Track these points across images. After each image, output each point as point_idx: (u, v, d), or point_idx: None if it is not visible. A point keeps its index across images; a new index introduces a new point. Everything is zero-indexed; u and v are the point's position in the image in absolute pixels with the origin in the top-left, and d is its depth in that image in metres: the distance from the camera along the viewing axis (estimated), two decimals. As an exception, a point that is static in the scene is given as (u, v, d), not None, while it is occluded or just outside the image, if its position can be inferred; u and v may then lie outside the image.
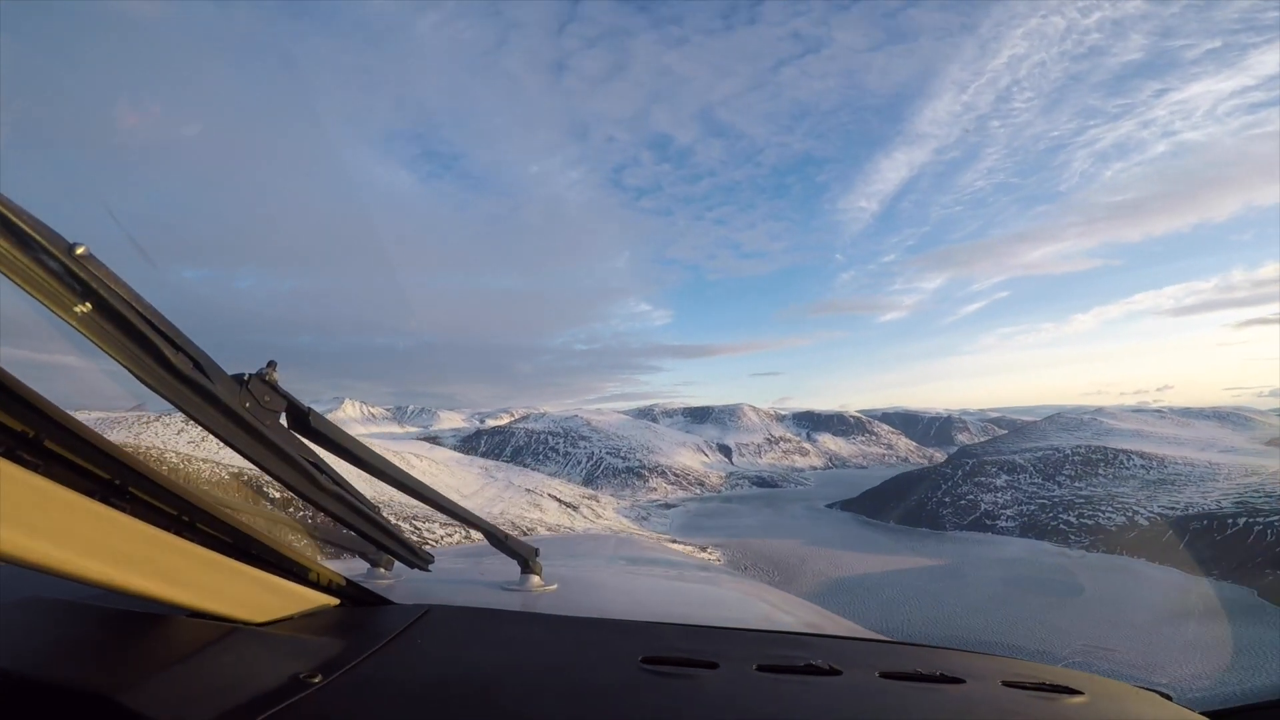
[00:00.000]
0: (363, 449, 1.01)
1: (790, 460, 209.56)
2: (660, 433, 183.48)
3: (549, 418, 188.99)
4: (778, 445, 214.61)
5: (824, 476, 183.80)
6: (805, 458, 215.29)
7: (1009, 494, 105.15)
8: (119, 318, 0.65)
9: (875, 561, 70.70)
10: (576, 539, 3.10)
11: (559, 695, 0.75)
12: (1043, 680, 0.96)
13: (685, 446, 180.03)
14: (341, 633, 0.89)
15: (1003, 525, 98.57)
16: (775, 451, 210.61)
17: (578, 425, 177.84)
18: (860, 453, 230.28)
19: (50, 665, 0.65)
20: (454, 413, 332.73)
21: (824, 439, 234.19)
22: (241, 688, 0.65)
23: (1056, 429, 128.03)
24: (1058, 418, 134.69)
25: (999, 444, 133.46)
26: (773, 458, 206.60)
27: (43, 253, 0.58)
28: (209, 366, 0.75)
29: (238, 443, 0.80)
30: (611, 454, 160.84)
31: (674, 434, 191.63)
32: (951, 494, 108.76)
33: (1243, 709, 1.07)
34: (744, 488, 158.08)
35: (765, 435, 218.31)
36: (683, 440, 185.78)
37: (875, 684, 0.87)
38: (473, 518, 1.36)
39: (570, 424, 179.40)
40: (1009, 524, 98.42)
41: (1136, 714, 0.97)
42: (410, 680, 0.76)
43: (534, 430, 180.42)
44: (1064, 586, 60.94)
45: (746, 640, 1.04)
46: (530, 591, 1.35)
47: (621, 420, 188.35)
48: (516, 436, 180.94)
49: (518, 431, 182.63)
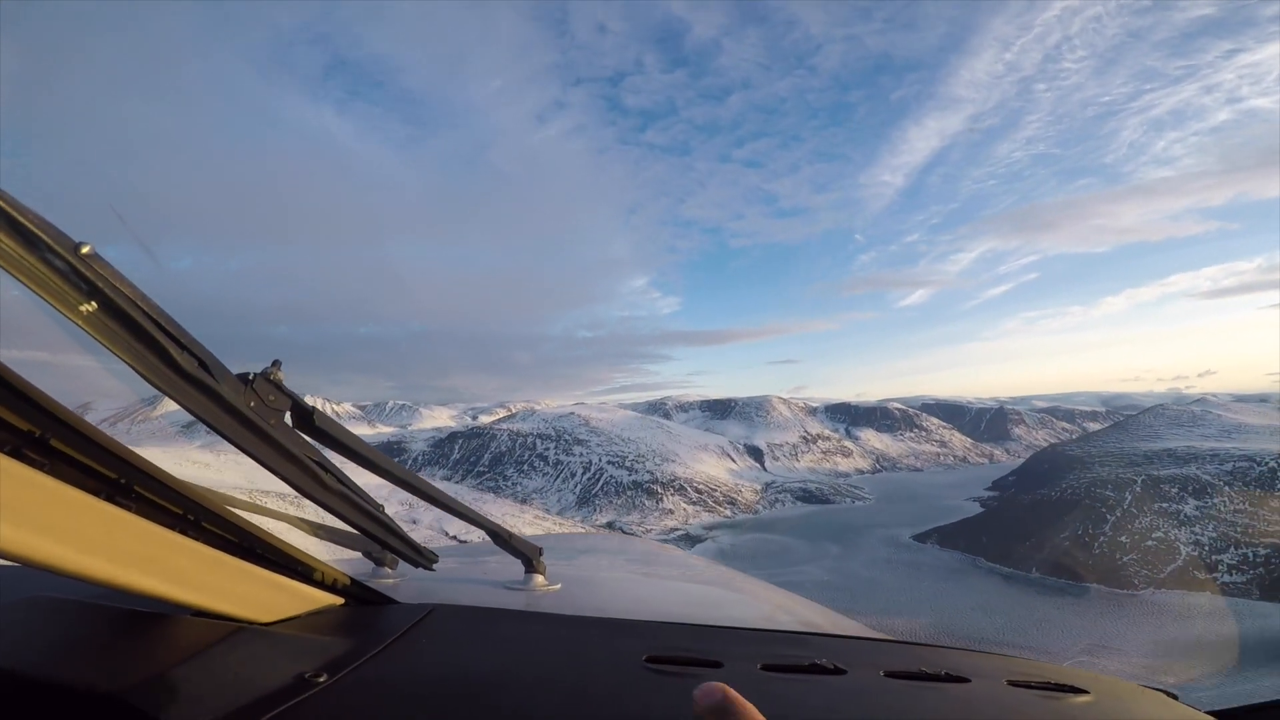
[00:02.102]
0: (367, 448, 1.02)
1: (832, 463, 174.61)
2: (675, 433, 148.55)
3: (539, 416, 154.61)
4: (815, 445, 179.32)
5: (878, 484, 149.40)
6: (849, 459, 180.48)
7: (1212, 528, 69.09)
8: (124, 317, 0.65)
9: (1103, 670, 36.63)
10: (580, 538, 2.83)
11: (563, 695, 0.75)
12: (1048, 679, 0.96)
13: (707, 450, 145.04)
14: (346, 632, 0.89)
15: (1228, 580, 62.73)
16: (813, 452, 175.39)
17: (573, 425, 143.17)
18: (910, 451, 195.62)
19: (55, 664, 0.65)
20: (445, 408, 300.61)
21: (867, 435, 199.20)
22: (247, 687, 0.66)
23: (1168, 424, 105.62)
24: (1161, 410, 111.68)
25: (1104, 442, 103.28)
26: (811, 460, 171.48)
27: (48, 252, 0.59)
28: (214, 366, 0.75)
29: (243, 442, 0.80)
30: (615, 462, 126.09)
31: (692, 434, 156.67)
32: (1123, 527, 72.51)
33: (1249, 709, 1.06)
34: (787, 505, 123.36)
35: (800, 433, 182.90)
36: (703, 442, 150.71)
37: (880, 683, 0.87)
38: (476, 516, 1.37)
39: (565, 423, 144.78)
40: (1237, 578, 62.63)
41: (1142, 713, 0.96)
42: (415, 680, 0.76)
43: (520, 432, 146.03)
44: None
45: (750, 640, 1.05)
46: (534, 591, 1.36)
47: (628, 418, 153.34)
48: (498, 440, 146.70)
49: (500, 434, 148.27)
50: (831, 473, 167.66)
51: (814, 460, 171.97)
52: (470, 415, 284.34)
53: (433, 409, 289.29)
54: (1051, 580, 70.12)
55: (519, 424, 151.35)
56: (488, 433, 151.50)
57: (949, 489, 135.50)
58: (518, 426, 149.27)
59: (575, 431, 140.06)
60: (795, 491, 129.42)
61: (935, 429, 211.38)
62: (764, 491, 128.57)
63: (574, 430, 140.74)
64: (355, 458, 1.01)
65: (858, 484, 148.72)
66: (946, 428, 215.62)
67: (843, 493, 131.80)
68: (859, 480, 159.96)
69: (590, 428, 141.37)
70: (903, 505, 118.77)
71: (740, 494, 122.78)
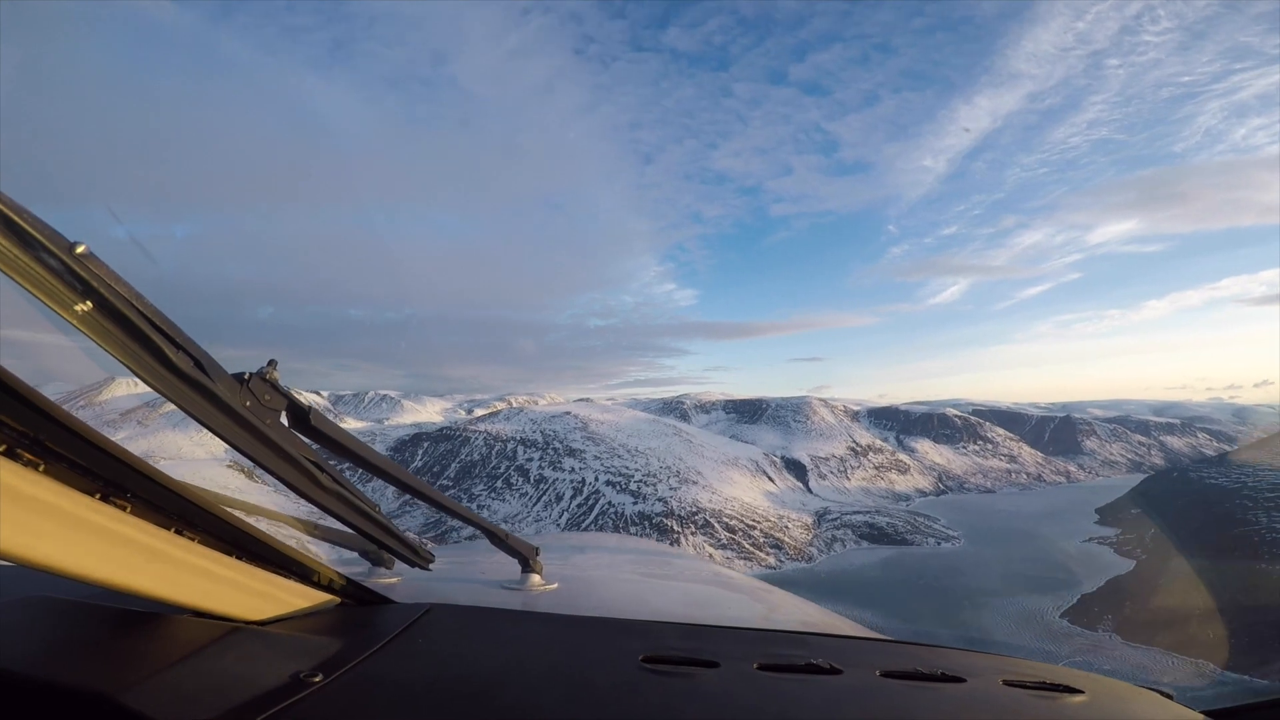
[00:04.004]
0: (363, 448, 1.02)
1: (888, 480, 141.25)
2: (697, 442, 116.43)
3: (527, 415, 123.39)
4: (867, 458, 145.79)
5: (950, 510, 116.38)
6: (905, 476, 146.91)
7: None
8: (120, 316, 0.65)
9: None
10: (577, 538, 2.92)
11: (560, 694, 0.75)
12: (1044, 679, 0.96)
13: (738, 466, 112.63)
14: (342, 632, 0.89)
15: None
16: (866, 468, 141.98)
17: (567, 429, 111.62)
18: (975, 467, 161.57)
19: (51, 665, 0.65)
20: (441, 400, 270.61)
21: (922, 447, 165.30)
22: (242, 687, 0.65)
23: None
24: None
25: (1256, 468, 75.05)
26: (863, 478, 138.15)
27: (43, 251, 0.58)
28: (210, 365, 0.74)
29: (238, 441, 0.80)
30: (616, 483, 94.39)
31: (717, 443, 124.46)
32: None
33: (1243, 708, 1.08)
34: (849, 546, 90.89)
35: (847, 443, 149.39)
36: (731, 454, 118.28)
37: (876, 683, 0.87)
38: (472, 516, 1.38)
39: (557, 426, 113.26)
40: None
41: (1137, 713, 0.97)
42: (411, 679, 0.76)
43: (499, 435, 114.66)
44: None
45: (747, 639, 1.05)
46: (531, 590, 1.37)
47: (637, 421, 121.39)
48: (472, 444, 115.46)
49: (475, 437, 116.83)
50: (888, 493, 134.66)
51: (866, 478, 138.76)
52: (465, 409, 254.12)
53: (423, 401, 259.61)
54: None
55: (500, 424, 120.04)
56: (460, 435, 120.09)
57: (1045, 521, 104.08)
58: (498, 428, 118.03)
59: (568, 437, 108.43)
60: (858, 526, 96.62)
61: (1001, 441, 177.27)
62: (817, 526, 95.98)
63: (567, 436, 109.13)
64: (351, 457, 1.00)
65: (925, 510, 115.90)
66: (1013, 439, 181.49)
67: (919, 528, 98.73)
68: (924, 504, 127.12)
69: (588, 433, 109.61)
70: (1004, 549, 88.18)
71: (787, 531, 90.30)
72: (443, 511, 1.25)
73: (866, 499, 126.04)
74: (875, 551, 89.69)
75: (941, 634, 41.10)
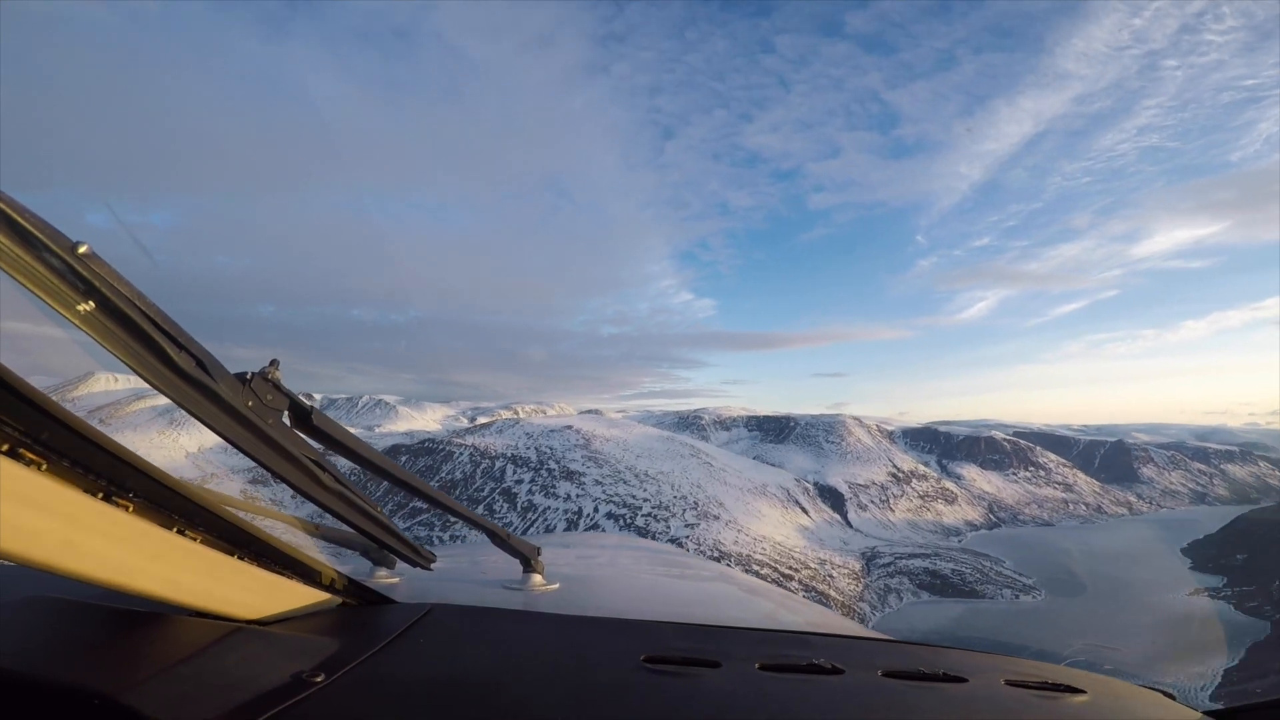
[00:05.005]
0: (365, 448, 1.02)
1: (934, 512, 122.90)
2: (718, 465, 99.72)
3: (523, 428, 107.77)
4: (910, 486, 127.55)
5: (1011, 547, 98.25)
6: (953, 506, 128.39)
7: None
8: (122, 316, 0.65)
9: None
10: (578, 537, 2.83)
11: (561, 694, 0.75)
12: (1045, 679, 0.96)
13: (766, 495, 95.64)
14: (344, 632, 0.90)
15: None
16: (910, 497, 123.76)
17: (567, 446, 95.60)
18: (1029, 496, 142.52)
19: (52, 665, 0.65)
20: (444, 407, 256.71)
21: (969, 473, 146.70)
22: (244, 687, 0.66)
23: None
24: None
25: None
26: (908, 509, 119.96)
27: (45, 251, 0.59)
28: (212, 365, 0.74)
29: (240, 441, 0.80)
30: (619, 515, 77.96)
31: (741, 466, 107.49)
32: None
33: (1244, 708, 1.08)
34: (906, 599, 73.70)
35: (888, 468, 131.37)
36: (759, 480, 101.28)
37: (877, 683, 0.87)
38: (474, 516, 1.39)
39: (555, 442, 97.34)
40: None
41: (1139, 713, 0.96)
42: (412, 679, 0.76)
43: (488, 450, 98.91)
44: None
45: (748, 639, 1.05)
46: (532, 590, 1.37)
47: (648, 439, 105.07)
48: (456, 460, 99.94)
49: (460, 451, 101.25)
50: (936, 527, 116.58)
51: (911, 509, 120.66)
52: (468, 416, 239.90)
53: (423, 407, 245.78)
54: None
55: (491, 438, 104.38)
56: (443, 449, 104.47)
57: (1126, 564, 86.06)
58: (488, 442, 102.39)
59: (567, 456, 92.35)
60: (915, 574, 79.00)
61: (1055, 467, 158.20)
62: (866, 573, 78.52)
63: (565, 454, 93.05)
64: (353, 457, 1.01)
65: (980, 546, 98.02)
66: (1066, 465, 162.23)
67: (986, 574, 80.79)
68: (977, 540, 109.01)
69: (591, 451, 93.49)
70: (1095, 603, 71.63)
71: (831, 581, 73.01)
72: (444, 511, 1.26)
73: (914, 534, 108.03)
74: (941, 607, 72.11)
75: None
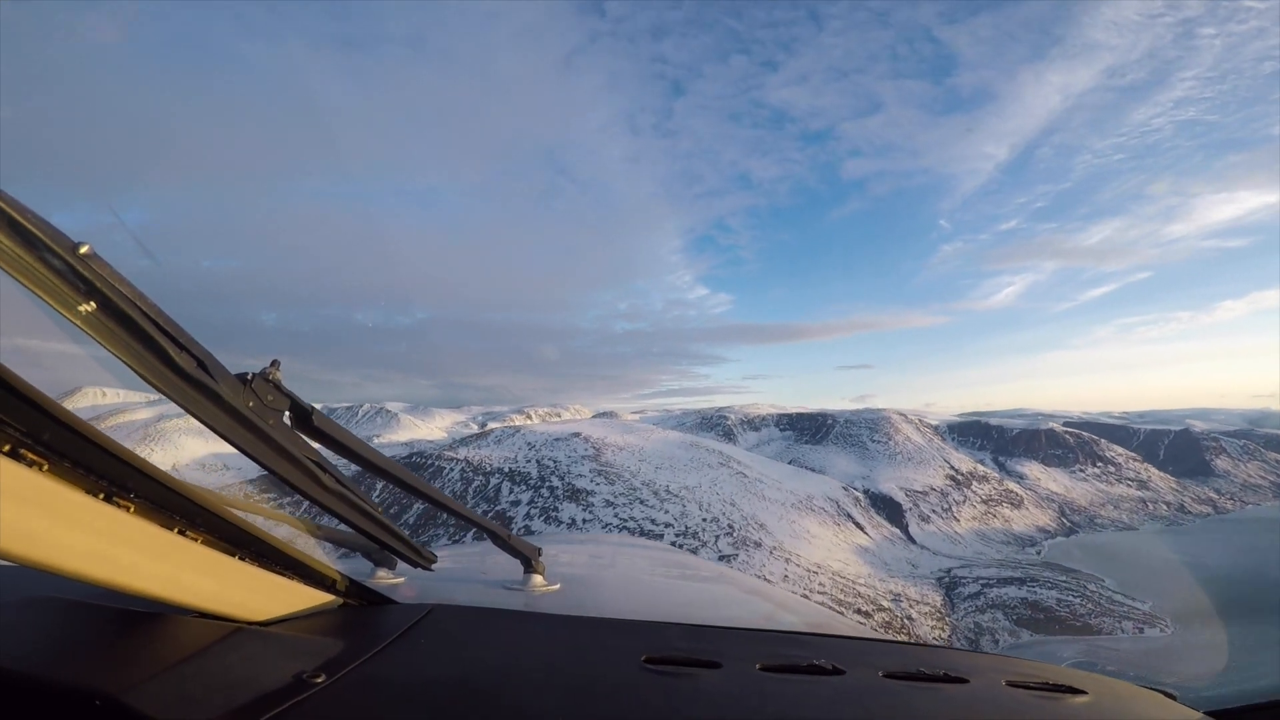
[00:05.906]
0: (366, 448, 1.03)
1: (1001, 518, 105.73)
2: (751, 473, 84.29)
3: (524, 436, 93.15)
4: (971, 489, 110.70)
5: (1100, 559, 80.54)
6: (1019, 510, 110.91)
7: None
8: (123, 316, 0.66)
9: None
10: (579, 538, 2.93)
11: (562, 695, 0.76)
12: (1046, 680, 0.96)
13: (812, 510, 79.92)
14: (345, 632, 0.90)
15: None
16: (973, 502, 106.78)
17: (573, 457, 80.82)
18: (1101, 496, 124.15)
19: (53, 665, 0.65)
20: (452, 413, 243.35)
21: (1031, 471, 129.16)
22: (245, 687, 0.66)
23: None
24: None
25: None
26: (973, 517, 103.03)
27: (47, 251, 0.59)
28: (213, 365, 0.75)
29: (241, 442, 0.80)
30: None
31: (778, 473, 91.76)
32: None
33: (1244, 709, 1.08)
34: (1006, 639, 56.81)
35: (944, 469, 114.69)
36: (802, 491, 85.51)
37: (878, 684, 0.87)
38: (475, 517, 1.40)
39: (559, 453, 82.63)
40: None
41: (1140, 714, 0.97)
42: (413, 680, 0.76)
43: (482, 465, 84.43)
44: None
45: (749, 640, 1.05)
46: (533, 591, 1.38)
47: (669, 444, 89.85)
48: (446, 476, 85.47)
49: (451, 466, 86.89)
50: (1007, 535, 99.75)
51: (976, 516, 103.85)
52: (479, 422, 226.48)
53: (430, 414, 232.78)
54: None
55: (488, 449, 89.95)
56: (432, 464, 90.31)
57: (1246, 577, 69.00)
58: (484, 454, 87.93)
59: (573, 470, 77.45)
60: (1010, 606, 62.56)
61: (1125, 461, 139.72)
62: (950, 607, 62.37)
63: (571, 467, 78.19)
64: (354, 458, 1.01)
65: (1062, 559, 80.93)
66: (1136, 460, 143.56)
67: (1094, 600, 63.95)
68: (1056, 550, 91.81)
69: (601, 463, 78.58)
70: (1237, 634, 52.49)
71: (911, 623, 56.93)
72: (444, 511, 1.26)
73: (986, 547, 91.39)
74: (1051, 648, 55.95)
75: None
